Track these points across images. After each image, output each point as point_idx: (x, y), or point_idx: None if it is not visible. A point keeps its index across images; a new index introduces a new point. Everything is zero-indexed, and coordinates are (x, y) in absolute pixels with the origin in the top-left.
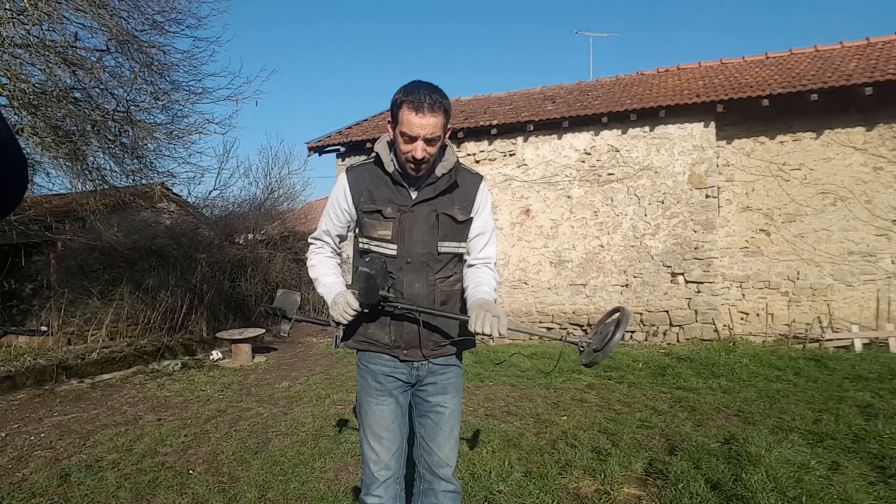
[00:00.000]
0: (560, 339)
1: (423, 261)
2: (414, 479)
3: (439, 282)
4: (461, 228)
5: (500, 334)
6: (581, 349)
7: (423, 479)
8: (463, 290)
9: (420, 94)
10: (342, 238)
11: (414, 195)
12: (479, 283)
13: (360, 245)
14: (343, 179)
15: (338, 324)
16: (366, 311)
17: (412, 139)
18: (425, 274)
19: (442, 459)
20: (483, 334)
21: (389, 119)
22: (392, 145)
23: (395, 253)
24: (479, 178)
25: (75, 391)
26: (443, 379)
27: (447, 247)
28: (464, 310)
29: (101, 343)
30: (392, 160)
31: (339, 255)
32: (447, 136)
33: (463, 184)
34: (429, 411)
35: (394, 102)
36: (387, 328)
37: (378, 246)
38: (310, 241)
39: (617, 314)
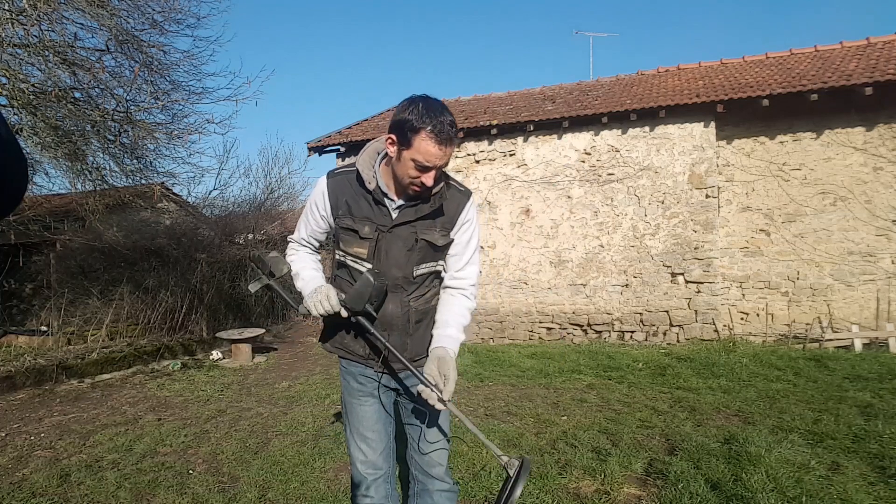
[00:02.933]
0: (499, 458)
1: (397, 283)
2: (409, 481)
3: (413, 301)
4: (440, 250)
5: (438, 400)
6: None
7: (417, 480)
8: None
9: (442, 121)
10: (321, 244)
11: (395, 214)
12: (447, 323)
13: (337, 256)
14: (322, 185)
15: (306, 314)
16: (341, 314)
17: (427, 169)
18: (399, 295)
19: (433, 459)
20: (425, 395)
21: (394, 137)
22: (381, 159)
23: None
24: (467, 196)
25: (75, 391)
26: None
27: (423, 268)
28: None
29: (101, 343)
30: (375, 177)
31: (319, 253)
32: None
33: (448, 204)
34: (413, 412)
35: (407, 124)
36: (360, 341)
37: (353, 261)
38: (288, 240)
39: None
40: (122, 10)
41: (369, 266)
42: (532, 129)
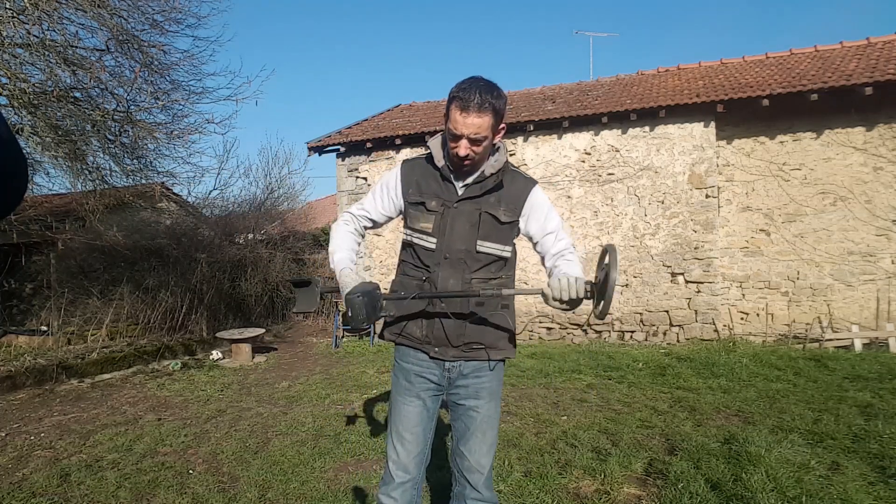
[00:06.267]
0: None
1: (460, 257)
2: (451, 480)
3: (476, 282)
4: (504, 230)
5: (576, 295)
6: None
7: (458, 482)
8: (503, 298)
9: (471, 92)
10: (375, 224)
11: (461, 192)
12: (569, 264)
13: (404, 236)
14: (397, 168)
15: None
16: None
17: (456, 137)
18: (461, 271)
19: (472, 464)
20: (561, 302)
21: (445, 112)
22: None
23: (433, 247)
24: (532, 183)
25: (75, 391)
26: (476, 383)
27: (487, 246)
28: (503, 316)
29: (101, 343)
30: (444, 156)
31: (363, 236)
32: (500, 136)
33: (513, 186)
34: (461, 415)
35: (448, 96)
36: (419, 323)
37: (419, 238)
38: (345, 210)
39: (606, 257)
40: (122, 10)
41: (434, 241)
42: (532, 128)
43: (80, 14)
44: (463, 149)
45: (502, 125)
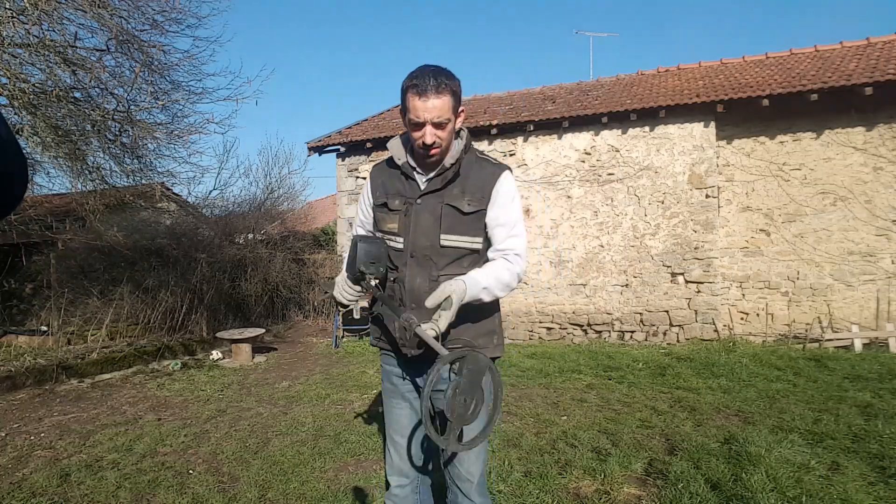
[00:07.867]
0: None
1: (426, 254)
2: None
3: (444, 278)
4: (469, 221)
5: (430, 305)
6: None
7: (450, 490)
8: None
9: (424, 77)
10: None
11: (423, 186)
12: (475, 272)
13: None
14: (368, 175)
15: (343, 306)
16: (361, 289)
17: (419, 125)
18: (428, 269)
19: (462, 473)
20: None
21: (401, 108)
22: (407, 138)
23: (401, 246)
24: (501, 169)
25: (75, 391)
26: None
27: (451, 240)
28: (485, 310)
29: (101, 343)
30: (406, 155)
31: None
32: (461, 119)
33: (479, 174)
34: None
35: (401, 89)
36: (393, 325)
37: (389, 239)
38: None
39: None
40: (122, 11)
41: (401, 241)
42: (532, 129)
43: (80, 14)
44: (429, 136)
45: (461, 108)
